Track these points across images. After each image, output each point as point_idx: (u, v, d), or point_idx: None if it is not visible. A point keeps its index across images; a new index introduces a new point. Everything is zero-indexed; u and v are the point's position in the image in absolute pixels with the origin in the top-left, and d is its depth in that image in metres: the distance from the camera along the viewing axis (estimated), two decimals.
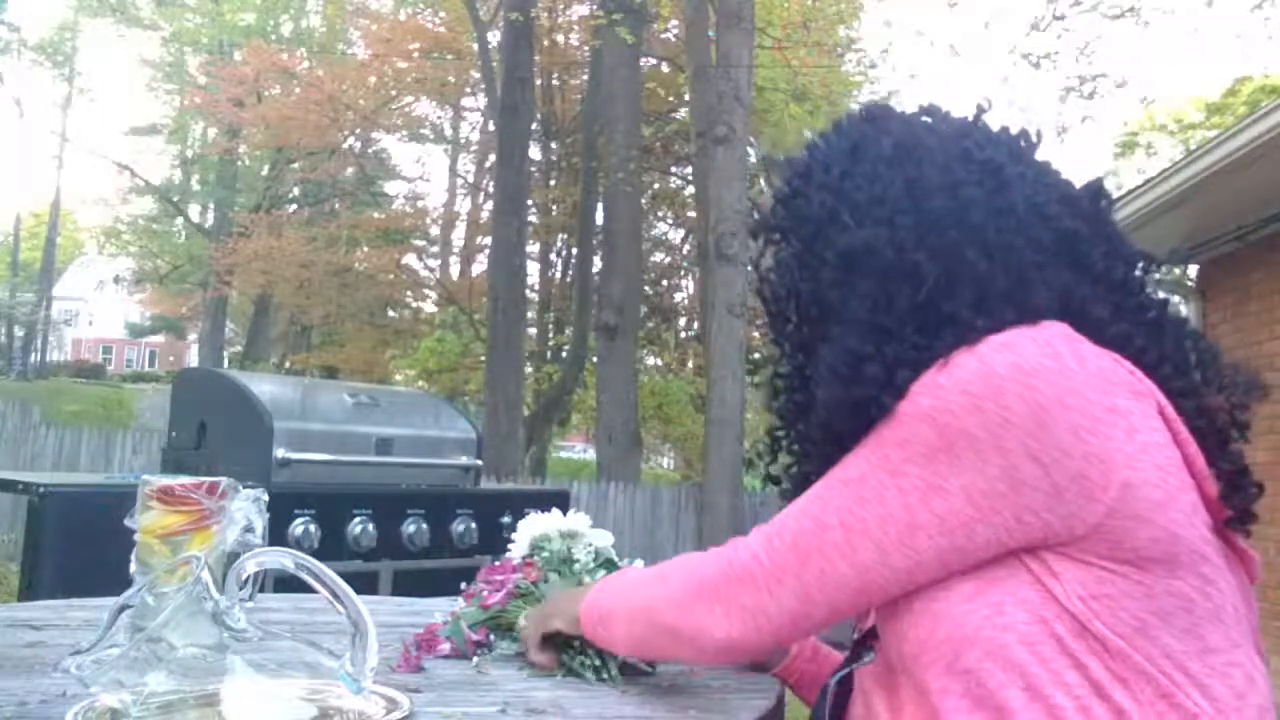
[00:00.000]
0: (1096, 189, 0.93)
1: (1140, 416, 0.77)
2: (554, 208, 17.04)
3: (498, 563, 1.30)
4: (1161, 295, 0.91)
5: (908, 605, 0.81)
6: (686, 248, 17.06)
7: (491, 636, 1.18)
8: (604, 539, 1.30)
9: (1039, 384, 0.74)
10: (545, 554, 1.26)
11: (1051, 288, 0.84)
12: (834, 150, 0.95)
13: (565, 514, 1.32)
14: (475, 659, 1.14)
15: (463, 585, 1.29)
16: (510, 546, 1.32)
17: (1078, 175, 0.95)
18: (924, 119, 0.95)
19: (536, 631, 1.09)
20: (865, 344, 0.83)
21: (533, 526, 1.31)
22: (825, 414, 0.86)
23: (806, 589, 0.82)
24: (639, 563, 1.22)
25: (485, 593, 1.22)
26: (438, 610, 1.25)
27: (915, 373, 0.80)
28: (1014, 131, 0.94)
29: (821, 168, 0.94)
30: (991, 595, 0.77)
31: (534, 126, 13.91)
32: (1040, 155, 0.94)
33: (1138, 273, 0.90)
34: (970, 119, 0.95)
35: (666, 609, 0.92)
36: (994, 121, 0.95)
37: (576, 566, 1.24)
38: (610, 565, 1.25)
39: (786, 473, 1.01)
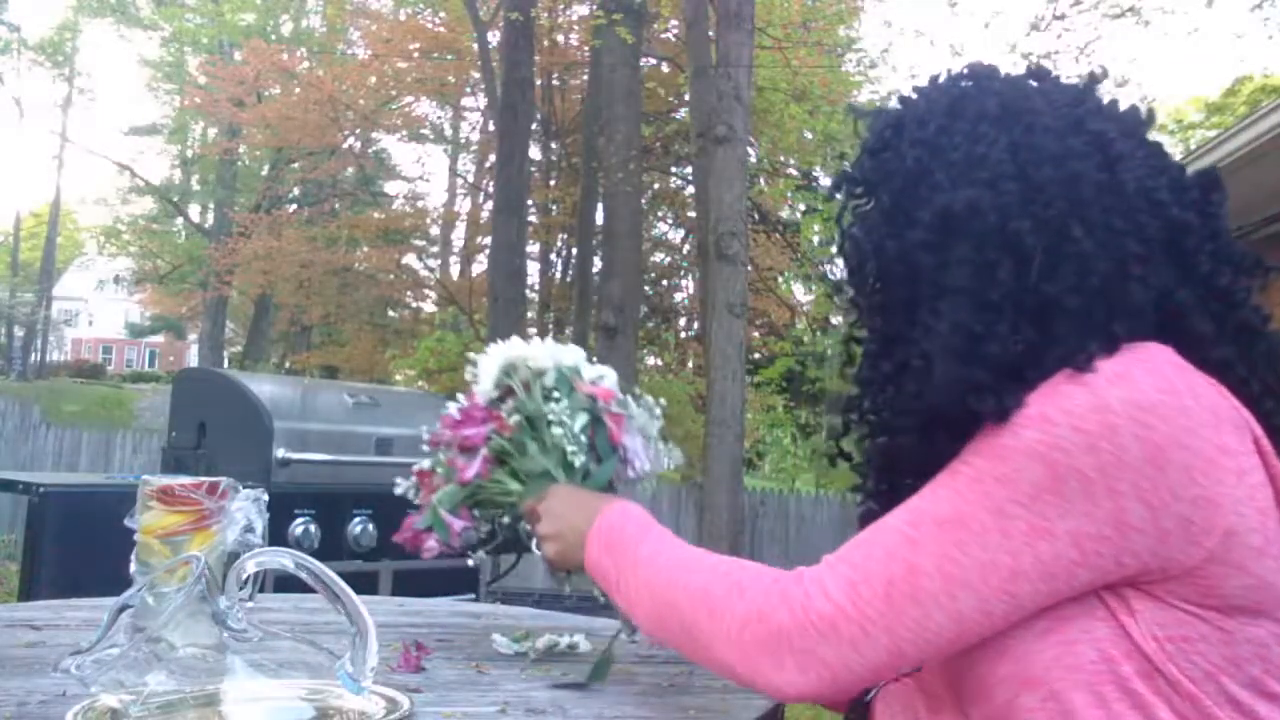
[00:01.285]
0: (1212, 178, 0.85)
1: (1246, 456, 0.72)
2: (554, 208, 17.02)
3: (460, 407, 1.13)
4: (1264, 310, 0.82)
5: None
6: (686, 248, 17.05)
7: (476, 514, 1.10)
8: (594, 373, 1.16)
9: (1155, 422, 0.69)
10: (513, 403, 1.11)
11: (1149, 286, 0.77)
12: (930, 105, 0.87)
13: None
14: (469, 558, 1.10)
15: (423, 431, 1.15)
16: (473, 380, 1.15)
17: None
18: (1031, 81, 0.88)
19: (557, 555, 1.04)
20: (976, 321, 0.77)
21: (501, 355, 1.14)
22: (939, 394, 0.77)
23: (898, 643, 0.73)
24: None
25: (458, 461, 1.09)
26: (403, 481, 1.15)
27: (1032, 370, 0.74)
28: (1125, 107, 0.86)
29: (916, 122, 0.86)
30: (1063, 633, 0.72)
31: (534, 126, 13.91)
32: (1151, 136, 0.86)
33: (1243, 280, 0.82)
34: (1082, 87, 0.87)
35: (722, 647, 0.80)
36: (1104, 94, 0.87)
37: (556, 430, 1.09)
38: (598, 422, 1.11)
39: (859, 445, 0.92)
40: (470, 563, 1.17)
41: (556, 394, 1.11)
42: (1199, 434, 0.70)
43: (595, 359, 1.20)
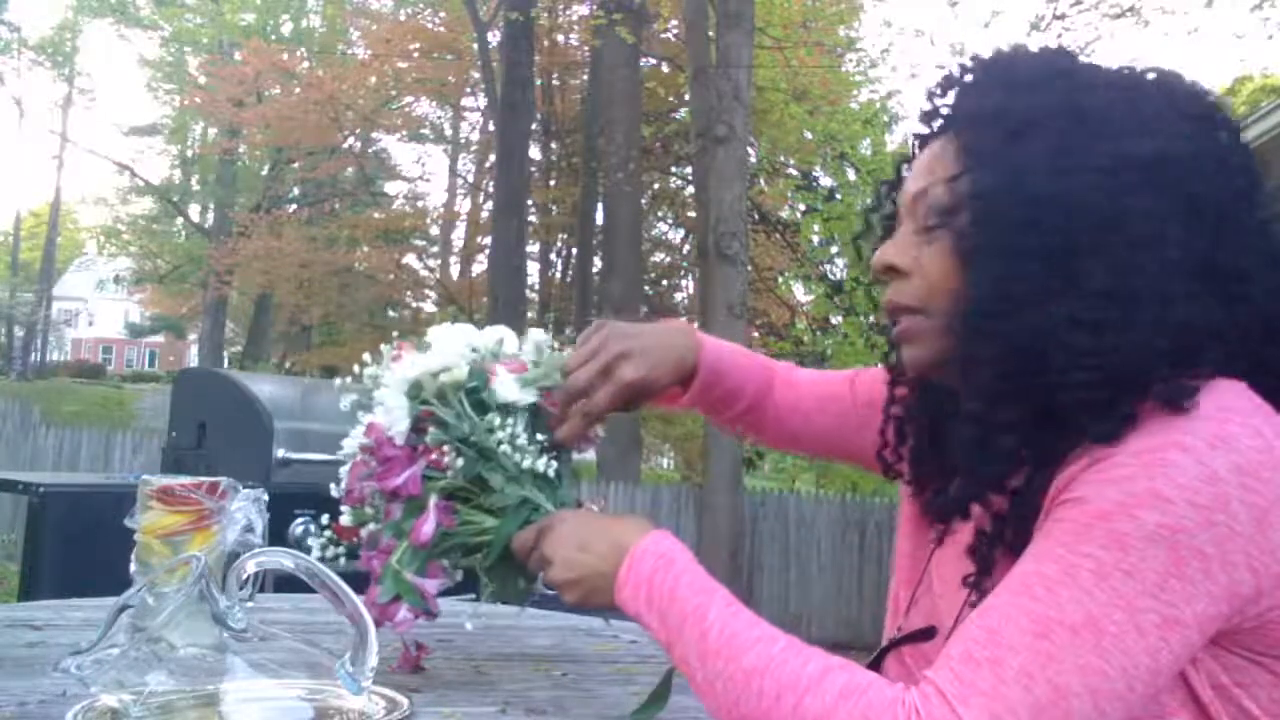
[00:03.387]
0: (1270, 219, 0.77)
1: None
2: (554, 208, 17.02)
3: (360, 457, 0.96)
4: None
5: None
6: (686, 248, 17.05)
7: (447, 564, 0.93)
8: (499, 348, 0.95)
9: (1259, 486, 0.65)
10: (435, 432, 0.91)
11: (1257, 296, 0.72)
12: (1072, 61, 0.79)
13: None
14: (460, 615, 0.98)
15: (332, 489, 0.98)
16: (381, 416, 0.94)
17: None
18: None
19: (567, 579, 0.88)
20: (1163, 282, 0.70)
21: (399, 380, 0.94)
22: (1123, 360, 0.69)
23: None
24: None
25: (405, 522, 0.91)
26: (316, 542, 0.98)
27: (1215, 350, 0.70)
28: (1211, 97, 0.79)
29: (1065, 71, 0.77)
30: None
31: (534, 126, 13.92)
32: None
33: None
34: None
35: None
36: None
37: (499, 439, 0.91)
38: (538, 411, 0.93)
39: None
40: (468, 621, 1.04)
41: (484, 397, 0.93)
42: None
43: None
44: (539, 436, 0.95)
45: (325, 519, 1.00)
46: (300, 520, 2.87)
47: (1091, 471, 0.68)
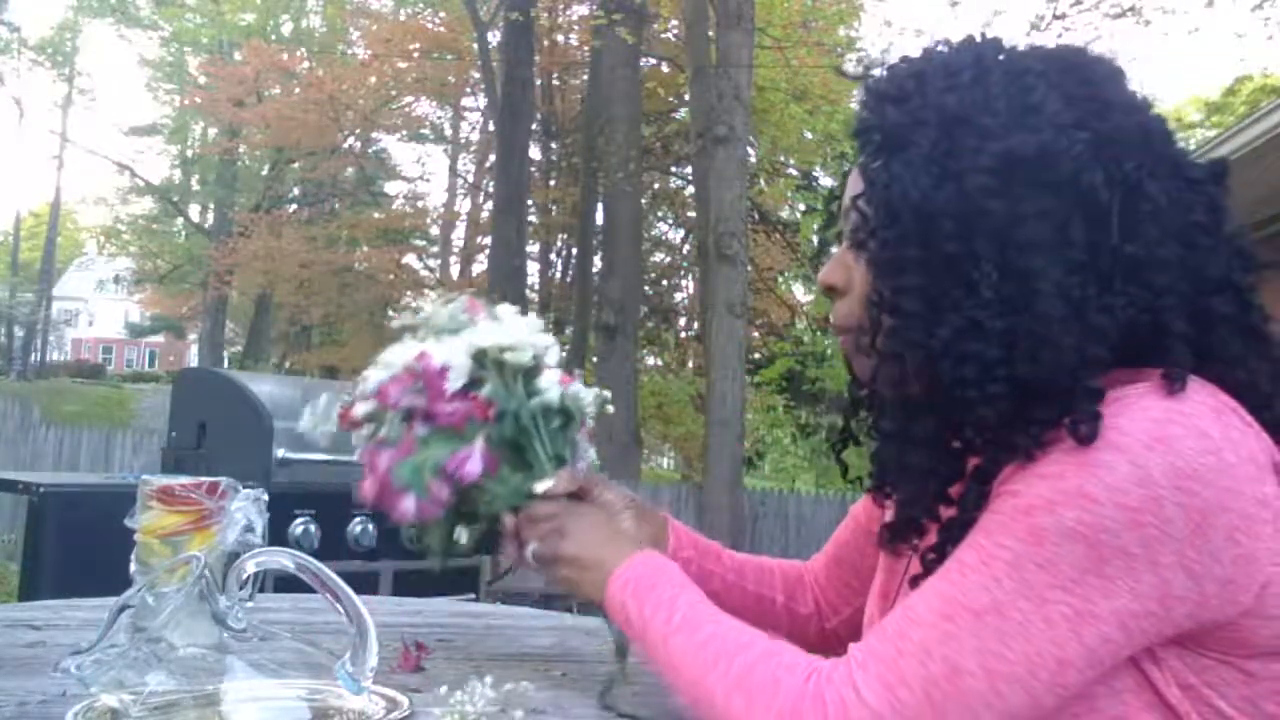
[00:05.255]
0: (1221, 170, 0.76)
1: (1278, 498, 0.68)
2: (554, 208, 17.03)
3: (407, 370, 0.95)
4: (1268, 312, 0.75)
5: None
6: (686, 248, 17.06)
7: (447, 494, 0.94)
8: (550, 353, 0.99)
9: (1198, 489, 0.64)
10: (489, 391, 0.95)
11: (1209, 273, 0.72)
12: (956, 55, 0.77)
13: None
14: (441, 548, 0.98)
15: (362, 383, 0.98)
16: (425, 341, 0.97)
17: None
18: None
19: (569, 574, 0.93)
20: (1073, 284, 0.69)
21: (469, 342, 0.96)
22: (1045, 365, 0.68)
23: None
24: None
25: (432, 442, 0.94)
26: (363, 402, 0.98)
27: (1140, 351, 0.69)
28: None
29: (942, 71, 0.76)
30: (1089, 690, 0.68)
31: (534, 126, 13.92)
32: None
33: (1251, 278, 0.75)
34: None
35: None
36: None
37: (538, 424, 0.95)
38: (569, 419, 0.98)
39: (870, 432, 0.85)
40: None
41: (537, 387, 0.98)
42: (1239, 492, 0.66)
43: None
44: (559, 439, 0.99)
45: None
46: (300, 520, 2.88)
47: (1028, 466, 0.68)
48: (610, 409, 1.04)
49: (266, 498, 1.00)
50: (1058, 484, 0.66)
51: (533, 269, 17.02)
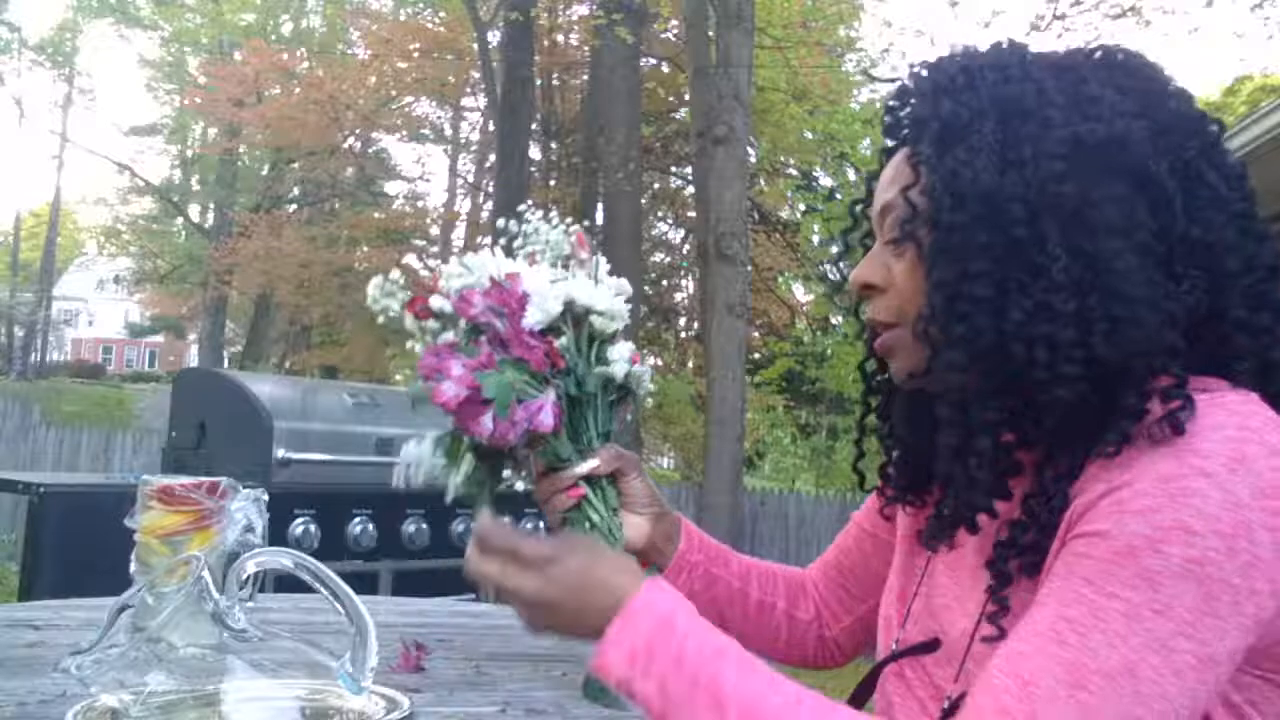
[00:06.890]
0: (1244, 165, 0.78)
1: None
2: (554, 208, 16.98)
3: (494, 284, 0.92)
4: None
5: None
6: (686, 248, 17.05)
7: (521, 430, 0.90)
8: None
9: (1278, 506, 0.63)
10: (568, 339, 0.93)
11: (1240, 269, 0.72)
12: (999, 55, 0.78)
13: None
14: (510, 476, 0.96)
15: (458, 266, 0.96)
16: (517, 273, 0.93)
17: None
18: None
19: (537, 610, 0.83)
20: (1150, 268, 0.69)
21: (562, 290, 0.93)
22: (1124, 346, 0.68)
23: None
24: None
25: (506, 365, 0.90)
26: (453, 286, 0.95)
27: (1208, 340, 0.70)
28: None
29: (991, 66, 0.77)
30: None
31: (534, 126, 13.92)
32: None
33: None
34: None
35: None
36: None
37: (596, 395, 0.93)
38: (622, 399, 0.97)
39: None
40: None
41: (607, 357, 0.95)
42: None
43: None
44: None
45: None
46: (300, 520, 2.88)
47: (1110, 502, 0.65)
48: (650, 402, 1.03)
49: (266, 498, 1.00)
50: (1153, 519, 0.63)
51: None
